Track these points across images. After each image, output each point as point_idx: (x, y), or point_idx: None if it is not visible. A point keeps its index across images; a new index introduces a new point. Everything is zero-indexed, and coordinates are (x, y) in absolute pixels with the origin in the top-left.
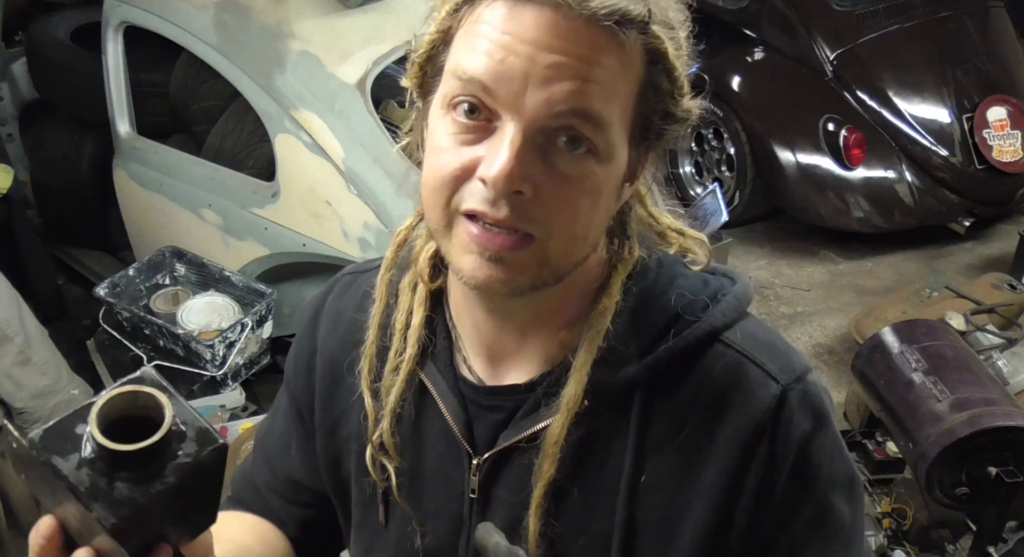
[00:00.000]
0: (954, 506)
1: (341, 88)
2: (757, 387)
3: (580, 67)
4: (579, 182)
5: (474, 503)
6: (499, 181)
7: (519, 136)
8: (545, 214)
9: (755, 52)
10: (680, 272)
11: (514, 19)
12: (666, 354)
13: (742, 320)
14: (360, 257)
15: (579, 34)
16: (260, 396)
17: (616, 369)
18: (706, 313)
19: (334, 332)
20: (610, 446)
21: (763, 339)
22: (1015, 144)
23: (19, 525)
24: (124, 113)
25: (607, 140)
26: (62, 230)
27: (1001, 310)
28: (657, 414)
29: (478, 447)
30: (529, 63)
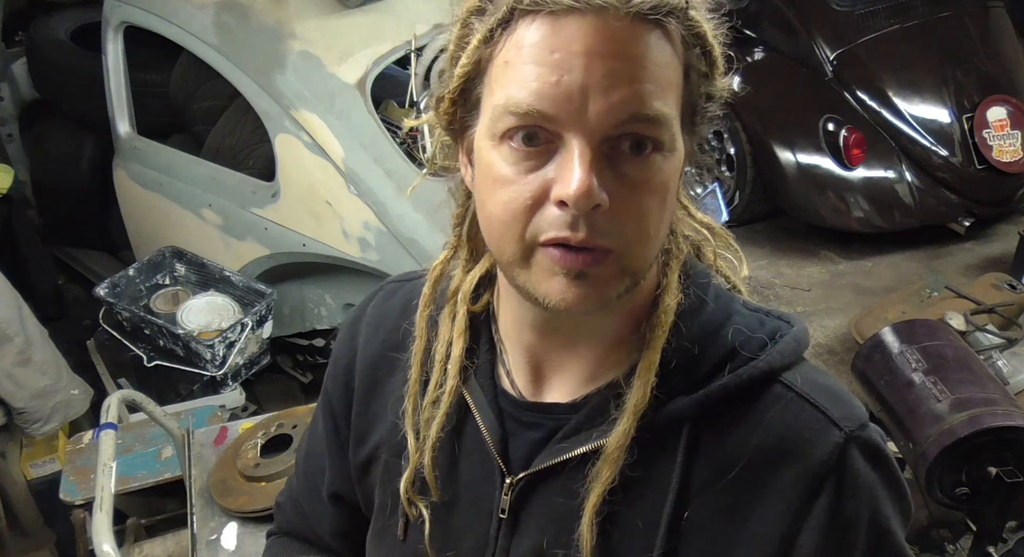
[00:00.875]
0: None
1: (341, 88)
2: (818, 434)
3: (635, 69)
4: (648, 184)
5: (503, 524)
6: (580, 199)
7: (588, 150)
8: (620, 225)
9: (755, 52)
10: (736, 309)
11: (559, 34)
12: (720, 390)
13: (800, 363)
14: (360, 257)
15: (627, 34)
16: (260, 396)
17: (669, 398)
18: (764, 352)
19: (375, 337)
20: (653, 479)
21: (823, 383)
22: (1015, 144)
23: (19, 525)
24: (124, 113)
25: (670, 135)
26: (62, 230)
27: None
28: (705, 452)
29: (512, 466)
30: (586, 75)
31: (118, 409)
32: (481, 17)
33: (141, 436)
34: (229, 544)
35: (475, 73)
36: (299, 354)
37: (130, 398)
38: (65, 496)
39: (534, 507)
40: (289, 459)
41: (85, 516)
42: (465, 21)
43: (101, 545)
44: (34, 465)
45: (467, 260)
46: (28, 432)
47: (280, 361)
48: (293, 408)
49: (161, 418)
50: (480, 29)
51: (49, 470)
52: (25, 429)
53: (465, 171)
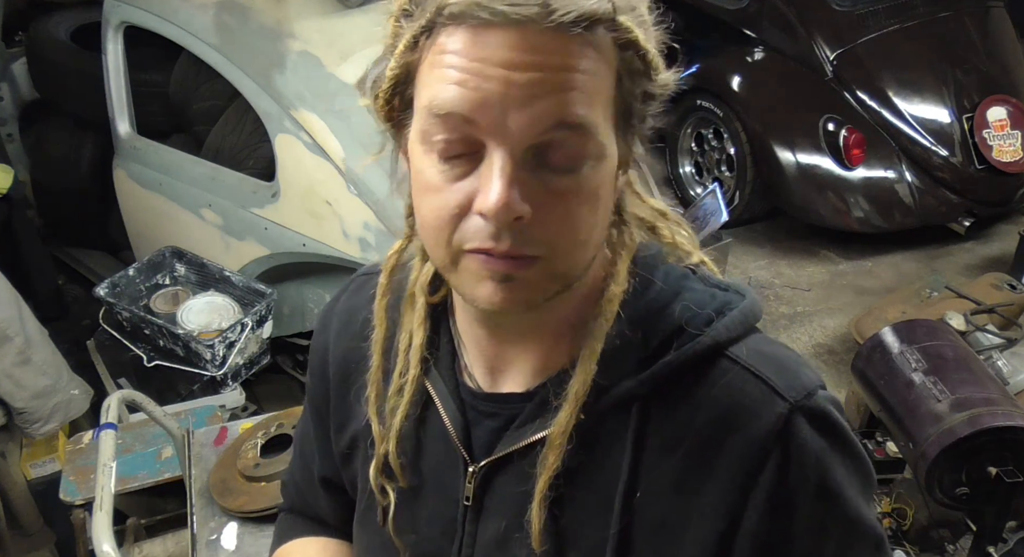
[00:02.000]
0: (954, 506)
1: (341, 88)
2: (762, 405)
3: (557, 79)
4: (576, 192)
5: (468, 510)
6: (499, 212)
7: (508, 161)
8: (546, 233)
9: (755, 52)
10: (687, 285)
11: (480, 44)
12: (664, 369)
13: (749, 335)
14: (360, 257)
15: (550, 45)
16: (260, 396)
17: (614, 382)
18: (710, 327)
19: (346, 330)
20: (606, 459)
21: (770, 354)
22: (1015, 144)
23: (19, 525)
24: (124, 113)
25: (596, 142)
26: (62, 230)
27: (1001, 310)
28: (655, 429)
29: (475, 454)
30: (505, 86)
31: (118, 409)
32: (408, 20)
33: (141, 436)
34: (229, 544)
35: (404, 76)
36: (299, 354)
37: (130, 398)
38: (65, 496)
39: (495, 493)
40: (289, 459)
41: (85, 516)
42: (396, 18)
43: (101, 545)
44: (34, 465)
45: (423, 250)
46: (28, 432)
47: (280, 361)
48: (293, 408)
49: (161, 418)
50: (406, 34)
51: (49, 470)
52: (25, 429)
53: (405, 165)
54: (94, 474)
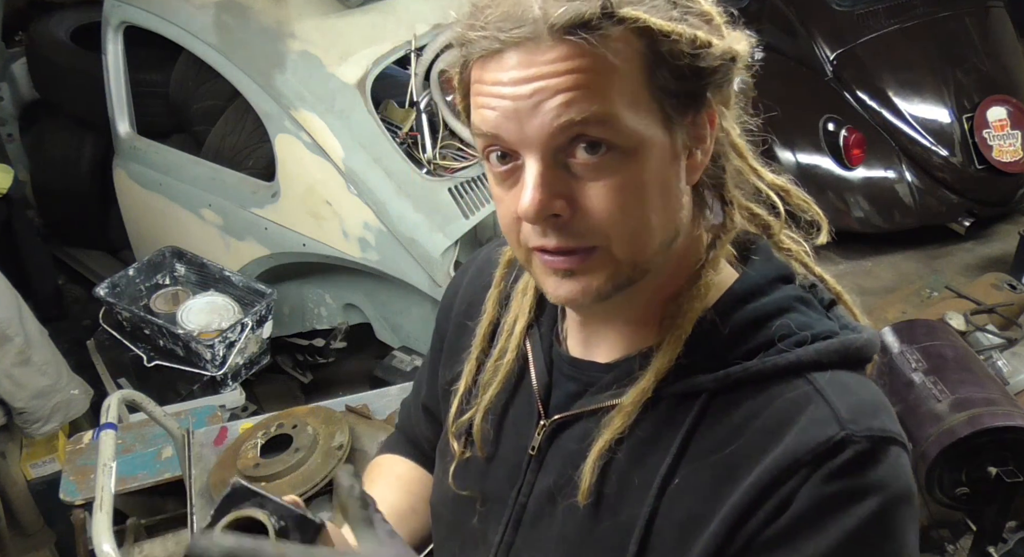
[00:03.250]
0: (954, 506)
1: (341, 88)
2: (816, 424)
3: (560, 81)
4: (613, 182)
5: (531, 460)
6: (530, 215)
7: (536, 165)
8: (596, 223)
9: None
10: (795, 306)
11: (494, 70)
12: (740, 371)
13: (842, 371)
14: (360, 257)
15: (549, 54)
16: (260, 396)
17: (687, 373)
18: (801, 348)
19: (477, 280)
20: (659, 442)
21: (855, 389)
22: (1015, 144)
23: (19, 525)
24: (124, 113)
25: (623, 133)
26: (62, 230)
27: (1001, 310)
28: (710, 425)
29: (550, 411)
30: (515, 100)
31: (118, 409)
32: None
33: (141, 436)
34: None
35: (467, 107)
36: (299, 354)
37: (130, 398)
38: (65, 496)
39: (558, 448)
40: (289, 459)
41: (85, 516)
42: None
43: (101, 545)
44: (34, 465)
45: None
46: (28, 432)
47: (280, 361)
48: (293, 408)
49: (161, 418)
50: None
51: (49, 470)
52: (25, 429)
53: None
54: (94, 474)
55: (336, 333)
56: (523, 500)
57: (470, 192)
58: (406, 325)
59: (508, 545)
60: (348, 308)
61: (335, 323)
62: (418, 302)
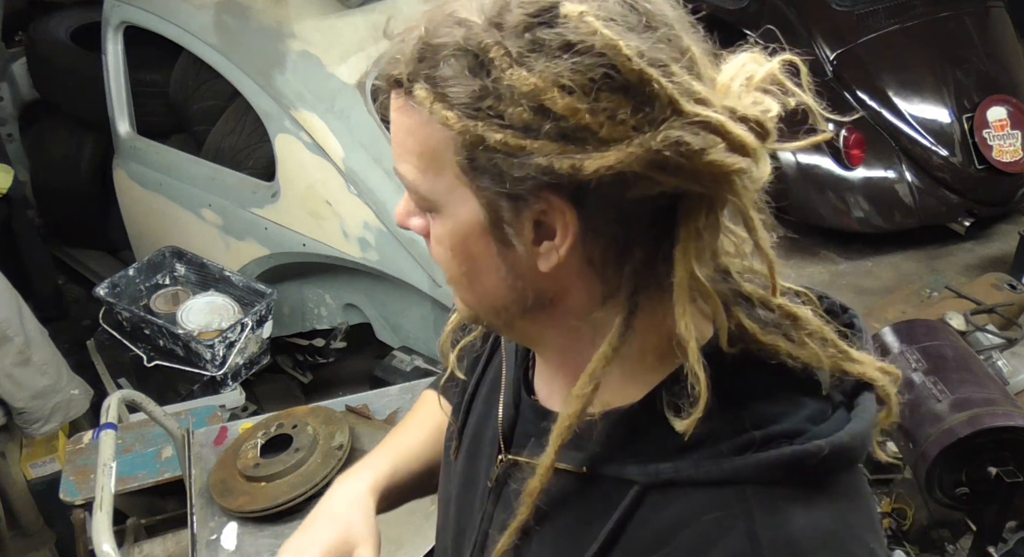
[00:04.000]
0: (954, 506)
1: (341, 88)
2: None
3: (393, 131)
4: (432, 232)
5: (490, 492)
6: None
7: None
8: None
9: None
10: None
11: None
12: (670, 472)
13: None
14: (360, 257)
15: (394, 102)
16: (260, 396)
17: (617, 460)
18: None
19: None
20: (587, 523)
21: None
22: (1015, 144)
23: (19, 525)
24: (124, 113)
25: (420, 196)
26: (62, 230)
27: (1001, 310)
28: (639, 521)
29: (513, 445)
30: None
31: (118, 409)
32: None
33: (141, 436)
34: (229, 544)
35: None
36: (299, 354)
37: (130, 398)
38: (65, 496)
39: (510, 488)
40: (289, 459)
41: (85, 516)
42: None
43: (101, 545)
44: (34, 465)
45: None
46: (28, 432)
47: (280, 361)
48: (293, 408)
49: (161, 418)
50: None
51: (49, 470)
52: (25, 429)
53: None
54: (94, 474)
55: (336, 333)
56: (485, 526)
57: None
58: (406, 325)
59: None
60: (348, 308)
61: (335, 323)
62: (418, 302)
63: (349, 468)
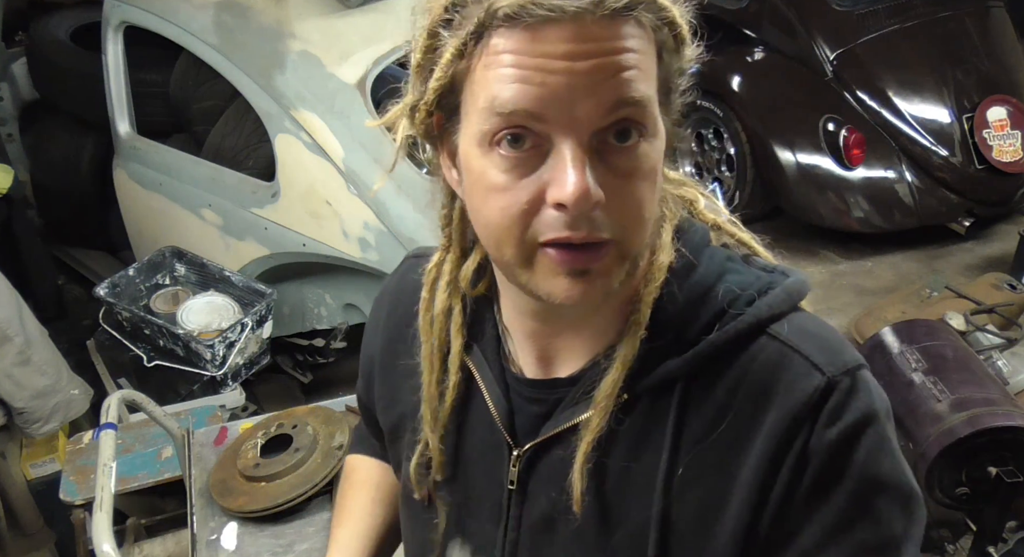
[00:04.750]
0: (954, 506)
1: (341, 88)
2: (800, 378)
3: (616, 62)
4: (639, 172)
5: (512, 495)
6: (579, 201)
7: (579, 150)
8: (617, 215)
9: (755, 52)
10: (730, 267)
11: (539, 40)
12: (707, 348)
13: (792, 313)
14: (360, 257)
15: (604, 32)
16: (260, 396)
17: (656, 363)
18: (752, 306)
19: (395, 311)
20: (648, 439)
21: (813, 331)
22: (1015, 144)
23: (19, 525)
24: (124, 113)
25: (653, 118)
26: (62, 230)
27: (1001, 310)
28: (696, 408)
29: (519, 439)
30: (569, 77)
31: (118, 409)
32: (449, 29)
33: (141, 436)
34: (229, 544)
35: (450, 86)
36: (299, 354)
37: (130, 398)
38: (65, 496)
39: (540, 476)
40: (289, 459)
41: (85, 516)
42: (432, 31)
43: (101, 545)
44: (34, 465)
45: (458, 257)
46: (28, 432)
47: (280, 361)
48: (293, 408)
49: (161, 418)
50: (452, 42)
51: (49, 470)
52: (25, 429)
53: (448, 174)
54: (94, 474)
55: (336, 333)
56: (512, 536)
57: None
58: None
59: None
60: (348, 308)
61: (335, 323)
62: None
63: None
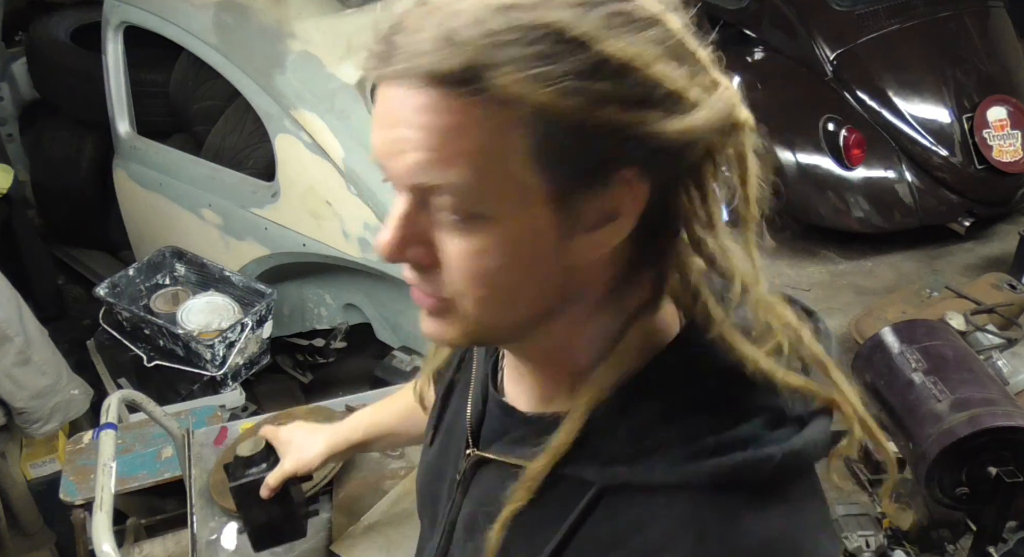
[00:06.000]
0: (954, 506)
1: (341, 88)
2: None
3: (419, 138)
4: (466, 246)
5: (458, 484)
6: (383, 254)
7: (400, 205)
8: (447, 279)
9: (755, 52)
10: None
11: (378, 100)
12: (625, 474)
13: (740, 493)
14: (360, 257)
15: (413, 100)
16: (260, 396)
17: (577, 461)
18: (693, 464)
19: None
20: (545, 521)
21: (744, 528)
22: (1015, 144)
23: (19, 525)
24: (124, 113)
25: (482, 204)
26: (62, 230)
27: (1001, 310)
28: (595, 522)
29: (480, 441)
30: (379, 139)
31: (118, 409)
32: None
33: (141, 436)
34: (229, 544)
35: None
36: (299, 354)
37: (130, 398)
38: (65, 496)
39: (479, 481)
40: None
41: (85, 516)
42: None
43: (101, 545)
44: (34, 465)
45: None
46: (28, 432)
47: (280, 361)
48: (293, 408)
49: (161, 418)
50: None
51: (49, 470)
52: (25, 429)
53: None
54: (94, 474)
55: (336, 333)
56: (452, 516)
57: None
58: (406, 325)
59: (443, 551)
60: (348, 308)
61: (335, 323)
62: None
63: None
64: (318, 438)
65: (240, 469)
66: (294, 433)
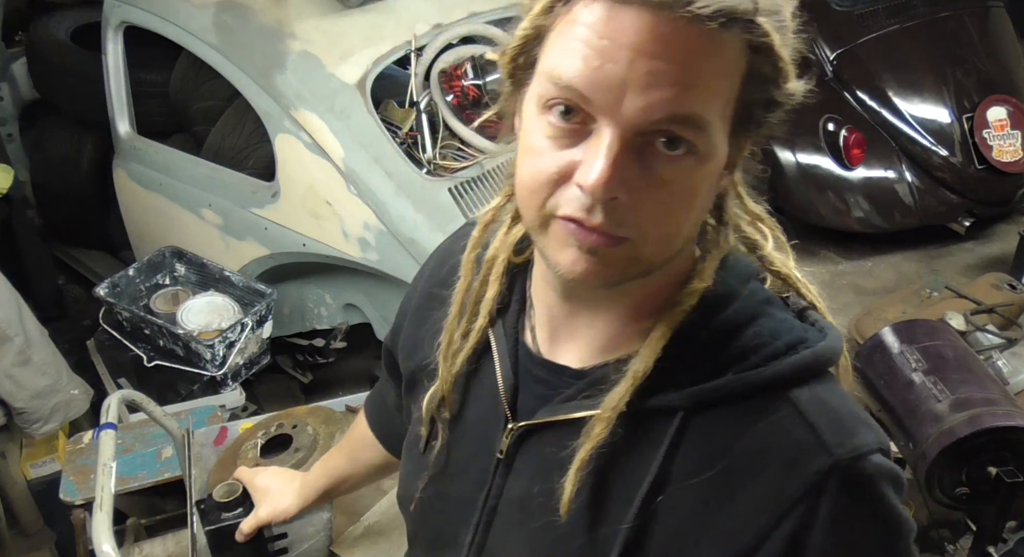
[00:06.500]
0: (954, 506)
1: (341, 88)
2: (803, 454)
3: (680, 72)
4: (676, 184)
5: (500, 464)
6: (597, 189)
7: (616, 142)
8: (639, 218)
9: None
10: (767, 311)
11: (612, 22)
12: (711, 392)
13: (818, 379)
14: (360, 257)
15: (679, 37)
16: (260, 396)
17: (663, 387)
18: (776, 361)
19: (438, 270)
20: (638, 457)
21: (833, 405)
22: (1015, 144)
23: (19, 525)
24: (124, 113)
25: (708, 141)
26: (62, 230)
27: (1001, 310)
28: (691, 443)
29: (518, 413)
30: (628, 70)
31: (118, 409)
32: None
33: (141, 436)
34: None
35: (534, 37)
36: (299, 354)
37: (130, 398)
38: (65, 496)
39: (528, 455)
40: (289, 459)
41: (85, 516)
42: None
43: (101, 545)
44: (34, 465)
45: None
46: (28, 432)
47: (280, 361)
48: (293, 408)
49: (161, 418)
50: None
51: (49, 470)
52: (25, 429)
53: (516, 121)
54: (94, 474)
55: (336, 333)
56: (492, 503)
57: (470, 192)
58: None
59: (479, 546)
60: (348, 308)
61: (335, 323)
62: None
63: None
64: (293, 487)
65: (215, 512)
66: (270, 480)
